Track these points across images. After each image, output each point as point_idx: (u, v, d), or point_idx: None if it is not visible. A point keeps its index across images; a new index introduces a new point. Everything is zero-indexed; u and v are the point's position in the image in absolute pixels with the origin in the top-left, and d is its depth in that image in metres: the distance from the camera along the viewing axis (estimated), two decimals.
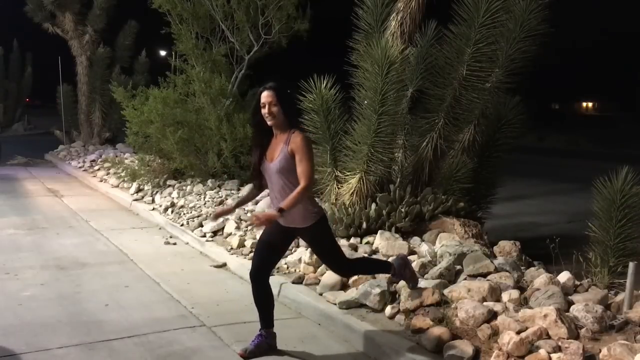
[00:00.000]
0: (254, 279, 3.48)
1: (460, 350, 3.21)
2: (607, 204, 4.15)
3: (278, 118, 3.24)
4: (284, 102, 3.24)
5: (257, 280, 3.48)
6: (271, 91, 3.23)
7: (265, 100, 3.23)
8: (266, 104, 3.22)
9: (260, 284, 3.48)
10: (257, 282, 3.48)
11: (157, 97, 8.02)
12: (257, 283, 3.48)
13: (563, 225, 7.21)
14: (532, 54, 5.30)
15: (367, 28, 5.68)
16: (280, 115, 3.23)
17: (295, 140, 3.21)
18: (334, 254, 3.55)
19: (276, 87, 3.25)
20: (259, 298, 3.50)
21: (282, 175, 3.27)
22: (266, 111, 3.23)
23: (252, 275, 3.49)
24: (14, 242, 6.03)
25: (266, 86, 3.27)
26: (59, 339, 3.63)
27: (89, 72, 14.01)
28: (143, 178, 8.47)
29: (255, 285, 3.48)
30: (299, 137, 3.22)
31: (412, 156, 5.75)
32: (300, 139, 3.21)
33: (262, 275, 3.49)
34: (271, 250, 3.51)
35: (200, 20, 8.35)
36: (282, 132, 3.29)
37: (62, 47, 14.29)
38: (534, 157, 16.12)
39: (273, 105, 3.22)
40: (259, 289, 3.49)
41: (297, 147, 3.20)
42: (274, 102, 3.21)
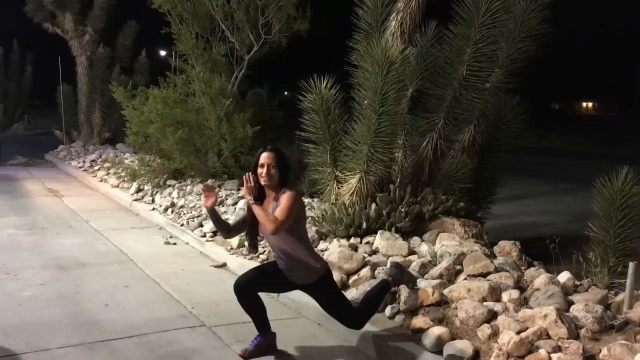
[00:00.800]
0: (238, 291, 3.41)
1: (460, 350, 3.22)
2: (607, 204, 4.15)
3: (274, 180, 3.28)
4: (282, 165, 3.29)
5: (241, 293, 3.42)
6: (272, 153, 3.28)
7: (264, 161, 3.27)
8: (265, 165, 3.26)
9: (244, 296, 3.42)
10: (240, 295, 3.42)
11: (157, 97, 8.02)
12: (241, 295, 3.42)
13: (563, 225, 7.21)
14: (532, 54, 5.30)
15: (367, 28, 5.68)
16: (276, 177, 3.28)
17: (285, 195, 3.23)
18: (340, 307, 3.52)
19: (277, 150, 3.32)
20: (249, 307, 3.46)
21: (279, 237, 3.28)
22: (264, 172, 3.26)
23: (236, 287, 3.42)
24: (14, 242, 6.03)
25: (267, 148, 3.33)
26: (59, 339, 3.63)
27: (89, 72, 14.00)
28: (143, 178, 8.47)
29: (240, 296, 3.42)
30: (288, 193, 3.24)
31: (412, 156, 5.75)
32: (288, 194, 3.22)
33: (247, 291, 3.43)
34: (268, 283, 3.51)
35: (200, 20, 8.35)
36: (274, 192, 3.32)
37: (62, 47, 14.29)
38: (534, 157, 16.13)
39: (272, 167, 3.26)
40: (244, 299, 3.43)
41: (282, 200, 3.21)
42: (273, 165, 3.26)
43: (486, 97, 5.49)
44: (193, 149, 8.09)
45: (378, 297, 3.80)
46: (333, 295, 3.51)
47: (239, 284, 3.42)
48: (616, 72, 40.53)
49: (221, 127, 7.79)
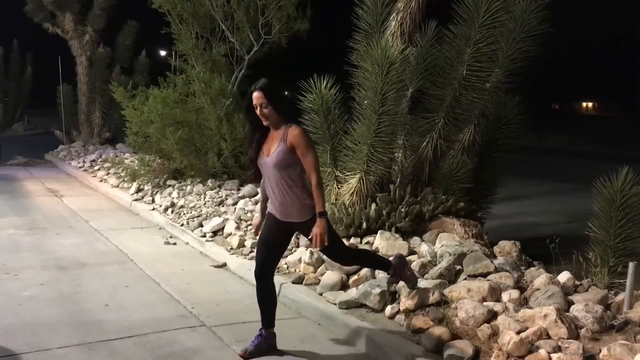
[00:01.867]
0: (259, 277, 3.49)
1: (460, 350, 3.22)
2: (607, 204, 4.15)
3: (272, 118, 3.29)
4: (274, 100, 3.28)
5: (262, 278, 3.48)
6: (260, 92, 3.27)
7: (256, 102, 3.28)
8: (258, 106, 3.28)
9: (264, 283, 3.49)
10: (262, 281, 3.49)
11: (157, 97, 8.02)
12: (262, 281, 3.49)
13: (563, 225, 7.21)
14: (532, 54, 5.30)
15: (367, 28, 5.68)
16: (273, 114, 3.28)
17: (293, 133, 3.26)
18: (334, 244, 3.52)
19: (264, 87, 3.29)
20: (263, 297, 3.51)
21: (279, 169, 3.30)
22: (259, 113, 3.28)
23: (256, 274, 3.49)
24: (14, 242, 6.03)
25: (255, 86, 3.32)
26: (59, 339, 3.63)
27: (89, 72, 14.01)
28: (143, 178, 8.47)
29: (259, 284, 3.49)
30: (296, 131, 3.27)
31: (412, 156, 5.75)
32: (298, 133, 3.26)
33: (267, 273, 3.49)
34: (273, 248, 3.52)
35: (200, 20, 8.35)
36: (278, 128, 3.33)
37: (62, 47, 14.29)
38: (534, 157, 16.12)
39: (264, 106, 3.26)
40: (263, 287, 3.49)
41: (297, 142, 3.25)
42: (264, 104, 3.26)
43: (486, 97, 5.49)
44: (193, 149, 8.09)
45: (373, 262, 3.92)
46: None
47: (259, 267, 3.48)
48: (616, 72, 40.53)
49: (221, 127, 7.80)
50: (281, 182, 3.32)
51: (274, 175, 3.34)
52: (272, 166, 3.32)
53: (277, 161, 3.29)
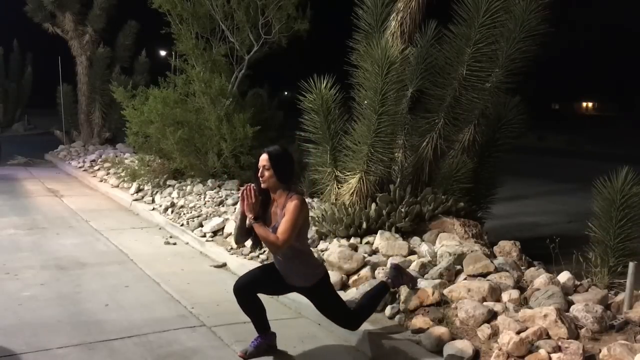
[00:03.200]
0: (237, 293, 3.40)
1: (460, 350, 3.22)
2: (607, 204, 4.15)
3: (270, 182, 3.26)
4: (277, 167, 3.25)
5: (240, 295, 3.40)
6: (265, 155, 3.27)
7: (260, 163, 3.28)
8: (260, 167, 3.27)
9: (243, 298, 3.41)
10: (240, 297, 3.41)
11: (157, 97, 8.02)
12: (240, 297, 3.41)
13: (563, 225, 7.21)
14: (532, 54, 5.30)
15: (367, 28, 5.68)
16: (272, 179, 3.25)
17: (291, 204, 3.21)
18: (337, 310, 3.53)
19: (272, 152, 3.28)
20: (248, 308, 3.45)
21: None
22: (259, 173, 3.28)
23: (235, 289, 3.41)
24: (14, 242, 6.03)
25: (265, 149, 3.32)
26: (59, 339, 3.63)
27: (89, 72, 14.00)
28: (143, 178, 8.47)
29: (239, 298, 3.41)
30: (294, 202, 3.21)
31: (412, 156, 5.75)
32: (294, 205, 3.20)
33: (247, 293, 3.41)
34: (267, 284, 3.48)
35: (200, 20, 8.35)
36: (280, 196, 3.31)
37: (62, 47, 14.28)
38: (534, 157, 16.13)
39: (266, 169, 3.25)
40: (243, 300, 3.42)
41: (288, 209, 3.20)
42: (267, 167, 3.25)
43: (486, 97, 5.49)
44: (193, 149, 8.09)
45: (376, 299, 3.81)
46: (330, 299, 3.51)
47: (239, 286, 3.41)
48: (616, 72, 40.53)
49: (221, 127, 7.80)
50: (285, 253, 3.29)
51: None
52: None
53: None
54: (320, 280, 3.41)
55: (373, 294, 3.79)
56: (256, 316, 3.49)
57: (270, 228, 3.25)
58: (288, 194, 3.28)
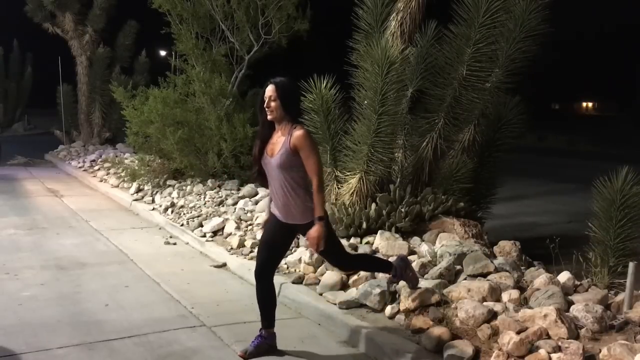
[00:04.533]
0: (259, 277, 3.47)
1: (460, 350, 3.21)
2: (607, 204, 4.15)
3: (277, 113, 3.27)
4: (284, 97, 3.26)
5: (262, 278, 3.47)
6: (273, 86, 3.28)
7: (267, 94, 3.29)
8: (267, 98, 3.28)
9: (264, 283, 3.48)
10: (261, 281, 3.48)
11: (157, 97, 8.02)
12: (262, 281, 3.48)
13: (563, 225, 7.21)
14: (532, 54, 5.30)
15: (367, 28, 5.68)
16: (279, 110, 3.26)
17: (297, 135, 3.23)
18: (334, 249, 3.55)
19: (279, 82, 3.29)
20: (263, 297, 3.50)
21: (282, 170, 3.28)
22: (266, 104, 3.28)
23: (256, 274, 3.48)
24: (14, 242, 6.03)
25: (270, 81, 3.32)
26: (59, 339, 3.63)
27: (89, 72, 14.00)
28: (143, 178, 8.47)
29: (259, 284, 3.48)
30: (300, 132, 3.23)
31: (412, 156, 5.75)
32: (301, 134, 3.23)
33: (267, 273, 3.48)
34: (274, 248, 3.51)
35: (200, 20, 8.35)
36: (284, 128, 3.31)
37: (62, 47, 14.28)
38: (534, 157, 16.13)
39: (272, 100, 3.26)
40: (263, 287, 3.48)
41: (300, 144, 3.22)
42: (273, 97, 3.26)
43: (486, 97, 5.49)
44: (193, 149, 8.09)
45: (374, 264, 3.92)
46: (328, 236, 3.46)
47: (259, 267, 3.46)
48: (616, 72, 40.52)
49: (221, 127, 7.79)
50: (284, 183, 3.30)
51: (277, 176, 3.32)
52: (275, 167, 3.30)
53: (280, 162, 3.27)
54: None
55: (375, 259, 3.85)
56: (267, 307, 3.50)
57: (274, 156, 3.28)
58: (292, 125, 3.28)
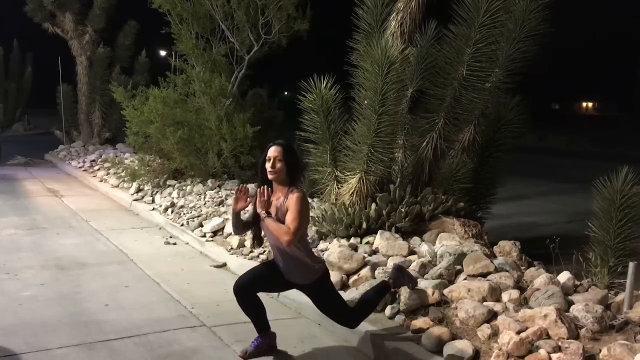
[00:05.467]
0: (238, 293, 3.41)
1: (460, 350, 3.21)
2: (607, 204, 4.15)
3: (280, 175, 3.27)
4: (289, 160, 3.27)
5: (240, 294, 3.41)
6: (279, 147, 3.28)
7: (271, 154, 3.27)
8: (272, 158, 3.26)
9: (243, 297, 3.42)
10: (240, 296, 3.41)
11: (157, 97, 8.02)
12: (240, 297, 3.41)
13: (563, 225, 7.21)
14: (532, 54, 5.30)
15: (367, 28, 5.68)
16: (282, 172, 3.27)
17: (292, 197, 3.22)
18: (337, 308, 3.53)
19: (285, 145, 3.31)
20: (247, 309, 3.45)
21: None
22: (270, 165, 3.26)
23: (235, 289, 3.42)
24: (14, 242, 6.03)
25: (276, 142, 3.33)
26: (59, 339, 3.63)
27: (89, 72, 14.00)
28: (143, 178, 8.47)
29: (239, 298, 3.42)
30: (295, 195, 3.23)
31: (412, 156, 5.75)
32: (296, 197, 3.22)
33: (247, 292, 3.42)
34: (267, 282, 3.48)
35: (200, 20, 8.35)
36: (282, 190, 3.31)
37: (62, 47, 14.28)
38: (534, 157, 16.13)
39: (278, 160, 3.26)
40: (244, 300, 3.42)
41: (290, 203, 3.21)
42: (279, 158, 3.26)
43: (486, 97, 5.49)
44: (193, 149, 8.09)
45: (376, 298, 3.81)
46: (330, 296, 3.51)
47: (238, 286, 3.42)
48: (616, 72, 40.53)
49: (221, 127, 7.80)
50: (283, 249, 3.28)
51: (275, 241, 3.30)
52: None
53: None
54: (320, 277, 3.40)
55: (373, 293, 3.79)
56: (256, 316, 3.49)
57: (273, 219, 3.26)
58: (289, 188, 3.29)
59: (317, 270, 3.39)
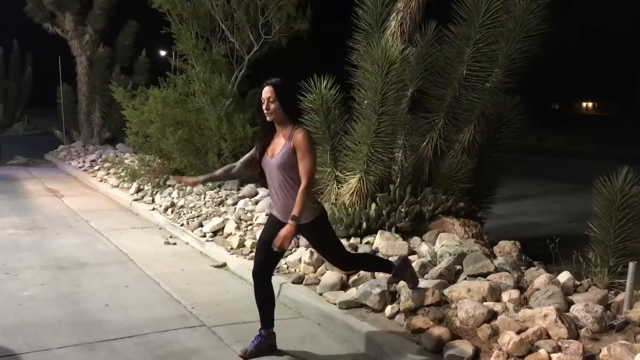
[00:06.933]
0: (257, 277, 3.48)
1: (460, 350, 3.21)
2: (607, 204, 4.14)
3: (276, 114, 3.25)
4: (282, 98, 3.24)
5: (260, 278, 3.48)
6: (270, 87, 3.25)
7: (264, 95, 3.25)
8: (265, 100, 3.25)
9: (262, 283, 3.48)
10: (259, 281, 3.48)
11: (157, 97, 8.02)
12: (260, 281, 3.48)
13: (563, 225, 7.21)
14: (532, 54, 5.30)
15: (367, 28, 5.68)
16: (278, 111, 3.24)
17: (298, 136, 3.22)
18: (334, 249, 3.55)
19: (276, 83, 3.26)
20: (261, 297, 3.50)
21: (283, 171, 3.27)
22: (264, 107, 3.25)
23: (254, 274, 3.49)
24: (14, 242, 6.03)
25: (267, 82, 3.29)
26: (59, 339, 3.63)
27: (89, 72, 13.99)
28: (143, 178, 8.47)
29: (257, 284, 3.48)
30: (301, 134, 3.22)
31: (412, 156, 5.75)
32: (302, 136, 3.22)
33: (264, 273, 3.49)
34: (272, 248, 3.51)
35: (200, 20, 8.35)
36: (284, 128, 3.30)
37: (62, 47, 14.28)
38: (534, 157, 16.12)
39: (271, 101, 3.23)
40: (260, 287, 3.49)
41: (299, 144, 3.21)
42: (272, 99, 3.23)
43: (486, 97, 5.49)
44: (193, 149, 8.09)
45: (374, 263, 3.91)
46: (328, 237, 3.51)
47: (256, 268, 3.47)
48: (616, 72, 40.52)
49: (221, 127, 7.79)
50: (284, 184, 3.29)
51: (277, 176, 3.31)
52: (275, 167, 3.29)
53: (280, 162, 3.26)
54: (318, 217, 3.38)
55: (376, 259, 3.85)
56: (266, 308, 3.50)
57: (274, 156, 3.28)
58: (294, 126, 3.27)
59: (314, 209, 3.36)
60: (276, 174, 3.31)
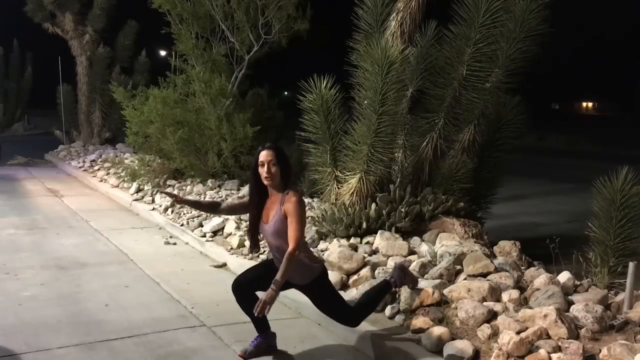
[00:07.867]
0: (236, 291, 3.42)
1: (460, 350, 3.22)
2: (607, 204, 4.14)
3: (275, 178, 3.24)
4: (282, 162, 3.25)
5: (239, 293, 3.42)
6: (271, 151, 3.24)
7: (264, 159, 3.23)
8: (265, 163, 3.22)
9: (242, 296, 3.42)
10: (238, 295, 3.42)
11: (157, 97, 8.02)
12: (239, 296, 3.42)
13: (563, 225, 7.21)
14: (532, 54, 5.30)
15: (367, 28, 5.68)
16: (277, 175, 3.24)
17: (290, 200, 3.20)
18: (338, 306, 3.52)
19: (275, 147, 3.28)
20: (246, 308, 3.42)
21: (279, 238, 3.26)
22: (265, 170, 3.23)
23: (234, 288, 3.43)
24: (14, 242, 6.03)
25: (265, 146, 3.29)
26: (59, 339, 3.63)
27: (89, 72, 14.00)
28: (143, 178, 8.47)
29: (237, 297, 3.43)
30: (293, 198, 3.20)
31: (412, 156, 5.75)
32: (294, 201, 3.19)
33: (245, 291, 3.42)
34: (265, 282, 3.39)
35: (200, 20, 8.35)
36: (277, 193, 3.29)
37: (62, 47, 14.29)
38: (534, 157, 16.12)
39: (273, 164, 3.22)
40: (242, 300, 3.42)
41: (290, 210, 3.19)
42: (273, 162, 3.22)
43: (486, 97, 5.49)
44: (193, 149, 8.09)
45: (377, 297, 3.80)
46: (329, 295, 3.51)
47: (237, 284, 3.43)
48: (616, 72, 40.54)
49: (221, 127, 7.80)
50: (282, 248, 3.26)
51: (273, 242, 3.31)
52: (270, 235, 3.29)
53: (275, 230, 3.25)
54: (318, 277, 3.39)
55: (374, 292, 3.79)
56: (255, 316, 3.48)
57: (269, 223, 3.27)
58: (285, 191, 3.27)
59: (315, 270, 3.38)
60: (272, 239, 3.31)
